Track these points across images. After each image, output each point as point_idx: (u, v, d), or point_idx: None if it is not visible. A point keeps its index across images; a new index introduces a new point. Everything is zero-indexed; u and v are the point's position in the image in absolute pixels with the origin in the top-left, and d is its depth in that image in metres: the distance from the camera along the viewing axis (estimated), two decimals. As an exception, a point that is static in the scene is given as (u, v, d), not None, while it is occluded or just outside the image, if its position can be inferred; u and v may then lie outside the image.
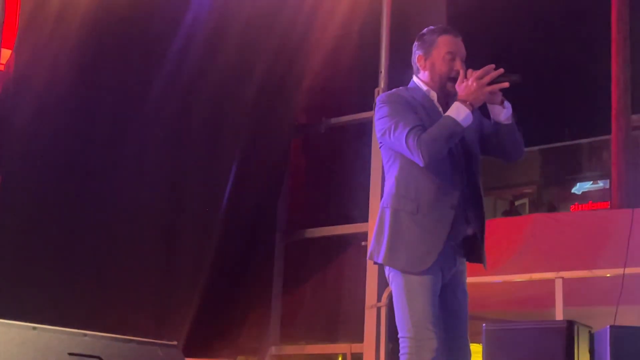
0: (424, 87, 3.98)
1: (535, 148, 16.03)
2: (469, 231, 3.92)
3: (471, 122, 3.77)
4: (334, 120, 8.03)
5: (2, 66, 7.01)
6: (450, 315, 3.89)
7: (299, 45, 7.84)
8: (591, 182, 17.78)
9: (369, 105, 7.32)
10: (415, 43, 4.07)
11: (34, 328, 3.80)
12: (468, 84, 3.75)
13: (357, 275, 7.27)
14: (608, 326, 5.18)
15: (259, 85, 7.60)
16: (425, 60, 3.98)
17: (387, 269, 3.87)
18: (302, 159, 8.50)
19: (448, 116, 3.73)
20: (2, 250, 6.07)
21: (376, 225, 3.89)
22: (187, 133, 7.35)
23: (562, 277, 6.42)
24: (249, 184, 7.63)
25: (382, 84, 7.27)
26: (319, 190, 8.34)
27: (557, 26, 13.24)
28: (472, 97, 3.73)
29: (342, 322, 7.65)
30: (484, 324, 5.75)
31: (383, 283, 6.82)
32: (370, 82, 7.45)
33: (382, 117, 3.88)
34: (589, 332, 5.51)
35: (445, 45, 3.96)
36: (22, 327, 3.75)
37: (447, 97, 3.93)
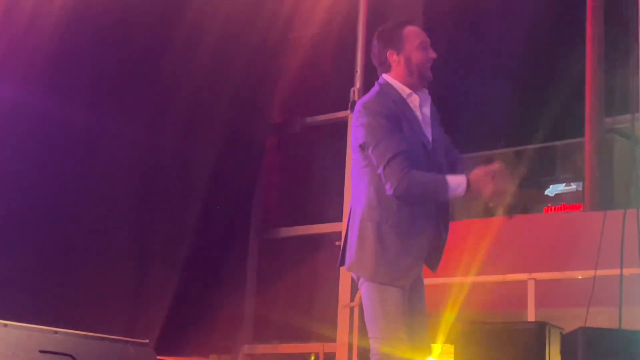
0: (405, 90, 3.89)
1: (510, 150, 16.10)
2: (443, 238, 3.91)
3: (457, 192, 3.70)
4: (309, 119, 8.04)
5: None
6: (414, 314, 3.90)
7: (276, 44, 7.84)
8: (564, 184, 17.89)
9: (344, 105, 7.33)
10: (378, 42, 4.00)
11: (5, 325, 3.77)
12: (488, 179, 3.64)
13: (330, 275, 7.29)
14: (579, 327, 5.21)
15: (234, 84, 7.58)
16: (398, 54, 3.91)
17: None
18: (276, 158, 8.50)
19: (445, 181, 3.65)
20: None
21: (355, 237, 3.79)
22: (160, 130, 7.31)
23: (535, 279, 6.45)
24: (224, 182, 7.61)
25: (358, 83, 7.28)
26: (294, 190, 8.35)
27: (531, 27, 13.30)
28: (479, 190, 3.66)
29: (315, 322, 7.65)
30: (456, 325, 5.76)
31: (355, 284, 6.82)
32: (346, 82, 7.46)
33: (363, 126, 3.76)
34: (560, 333, 5.54)
35: (416, 36, 3.93)
36: (-5, 324, 3.73)
37: (425, 83, 3.93)
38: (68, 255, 6.51)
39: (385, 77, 3.97)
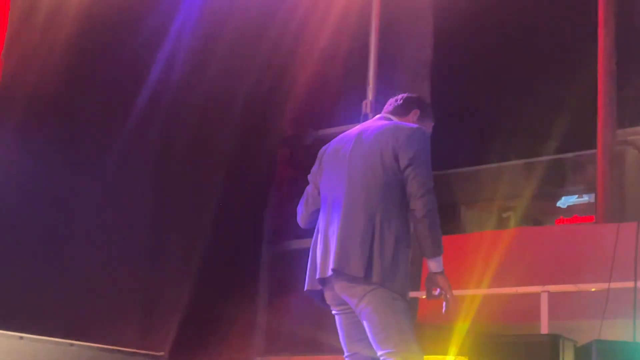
0: None
1: (521, 162, 16.06)
2: None
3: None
4: (320, 132, 8.05)
5: (-9, 74, 7.00)
6: None
7: (288, 58, 7.87)
8: (576, 196, 17.84)
9: (356, 117, 7.33)
10: (414, 99, 4.29)
11: (21, 337, 3.80)
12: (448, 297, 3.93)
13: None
14: (593, 340, 5.20)
15: (246, 97, 7.61)
16: (418, 119, 4.21)
17: (370, 286, 3.84)
18: (288, 171, 8.52)
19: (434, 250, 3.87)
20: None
21: (373, 247, 3.84)
22: (174, 143, 7.35)
23: (548, 291, 6.44)
24: (236, 194, 7.63)
25: (370, 96, 7.30)
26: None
27: (543, 38, 13.29)
28: (441, 283, 3.91)
29: (328, 333, 7.64)
30: (469, 337, 5.75)
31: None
32: (357, 94, 7.47)
33: (424, 151, 3.96)
34: (574, 345, 5.53)
35: (430, 128, 4.25)
36: (9, 336, 3.75)
37: None
38: (83, 269, 6.54)
39: (400, 119, 4.26)
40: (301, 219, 4.31)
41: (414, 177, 3.84)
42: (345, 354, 4.06)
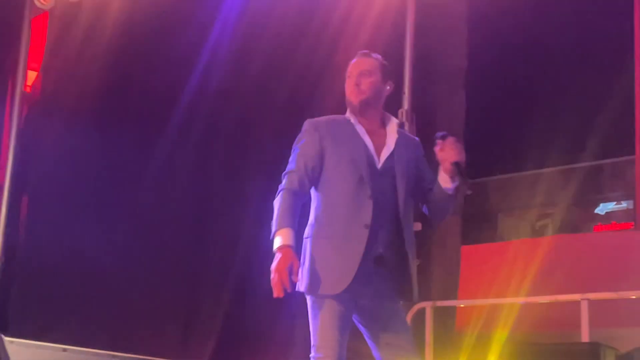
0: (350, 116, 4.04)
1: (558, 168, 15.96)
2: (380, 251, 3.80)
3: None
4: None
5: (29, 88, 7.09)
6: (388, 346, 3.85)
7: (323, 67, 7.87)
8: (614, 202, 17.67)
9: (391, 127, 7.31)
10: None
11: (64, 349, 3.83)
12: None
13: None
14: (635, 348, 5.15)
15: (282, 107, 7.64)
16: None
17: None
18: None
19: (275, 225, 3.86)
20: (32, 274, 6.11)
21: (302, 254, 3.84)
22: (211, 156, 7.40)
23: (588, 299, 6.37)
24: (272, 208, 7.64)
25: (405, 105, 7.27)
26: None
27: (580, 43, 13.21)
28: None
29: (366, 344, 7.63)
30: (508, 345, 5.72)
31: (406, 304, 6.81)
32: (392, 103, 7.46)
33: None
34: (615, 354, 5.47)
35: (347, 68, 4.07)
36: (52, 348, 3.79)
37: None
38: (123, 282, 6.59)
39: None
40: None
41: None
42: None
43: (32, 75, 7.16)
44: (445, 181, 3.78)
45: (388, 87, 4.08)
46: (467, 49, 8.19)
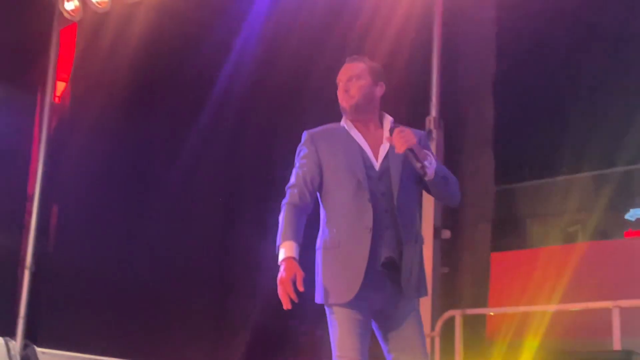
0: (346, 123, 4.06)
1: (588, 174, 15.84)
2: (386, 254, 3.82)
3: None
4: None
5: (58, 99, 7.14)
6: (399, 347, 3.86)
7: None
8: (645, 208, 17.51)
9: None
10: None
11: None
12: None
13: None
14: (668, 356, 5.08)
15: (306, 111, 7.64)
16: None
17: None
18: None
19: (280, 238, 3.82)
20: (63, 283, 6.14)
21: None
22: (238, 163, 7.41)
23: (620, 306, 6.29)
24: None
25: (433, 111, 7.23)
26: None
27: (612, 47, 13.11)
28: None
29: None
30: (540, 353, 5.66)
31: (436, 313, 6.77)
32: (419, 109, 7.42)
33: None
34: (648, 362, 5.41)
35: (339, 73, 4.09)
36: (85, 359, 3.79)
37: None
38: (155, 295, 6.61)
39: None
40: None
41: None
42: None
43: (60, 86, 7.21)
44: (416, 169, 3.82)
45: (380, 89, 4.08)
46: (495, 52, 8.14)
